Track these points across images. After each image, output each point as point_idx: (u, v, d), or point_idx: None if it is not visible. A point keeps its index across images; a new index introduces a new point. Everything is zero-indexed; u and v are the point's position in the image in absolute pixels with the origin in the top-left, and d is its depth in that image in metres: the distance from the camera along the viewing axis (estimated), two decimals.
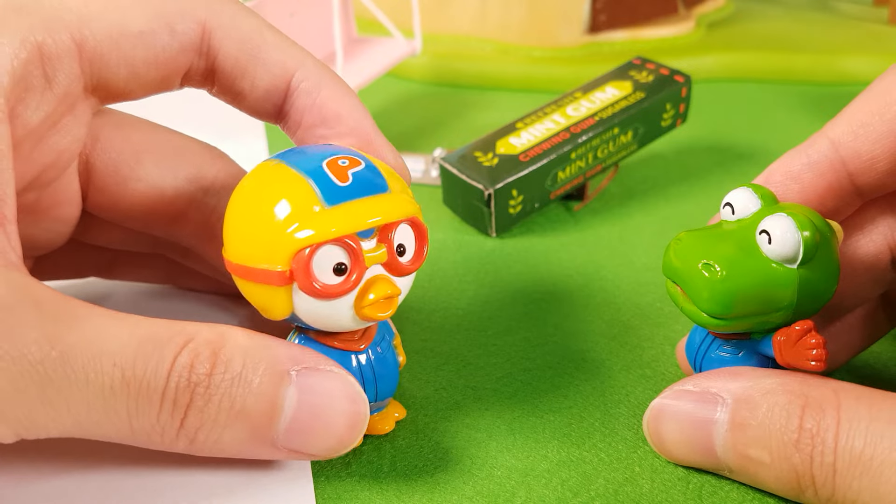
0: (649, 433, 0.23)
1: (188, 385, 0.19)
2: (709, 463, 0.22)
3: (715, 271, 0.20)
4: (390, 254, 0.20)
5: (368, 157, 0.21)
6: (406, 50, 0.44)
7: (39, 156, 0.22)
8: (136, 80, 0.23)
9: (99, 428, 0.19)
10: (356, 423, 0.21)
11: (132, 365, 0.19)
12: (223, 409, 0.19)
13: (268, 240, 0.20)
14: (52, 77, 0.21)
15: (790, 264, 0.21)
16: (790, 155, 0.24)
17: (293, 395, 0.20)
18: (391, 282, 0.21)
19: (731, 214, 0.22)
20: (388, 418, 0.23)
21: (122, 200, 0.25)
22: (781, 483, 0.20)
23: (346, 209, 0.20)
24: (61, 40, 0.21)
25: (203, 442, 0.20)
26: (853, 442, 0.19)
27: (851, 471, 0.19)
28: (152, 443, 0.20)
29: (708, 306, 0.21)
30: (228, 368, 0.19)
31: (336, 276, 0.20)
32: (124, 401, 0.19)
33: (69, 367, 0.18)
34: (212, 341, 0.19)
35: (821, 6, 0.64)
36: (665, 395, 0.22)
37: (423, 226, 0.21)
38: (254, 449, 0.20)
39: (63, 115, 0.22)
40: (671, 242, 0.22)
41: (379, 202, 0.20)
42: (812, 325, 0.21)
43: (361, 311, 0.20)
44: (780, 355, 0.21)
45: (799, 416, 0.20)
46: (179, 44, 0.22)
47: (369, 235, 0.20)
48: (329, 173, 0.20)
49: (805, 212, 0.21)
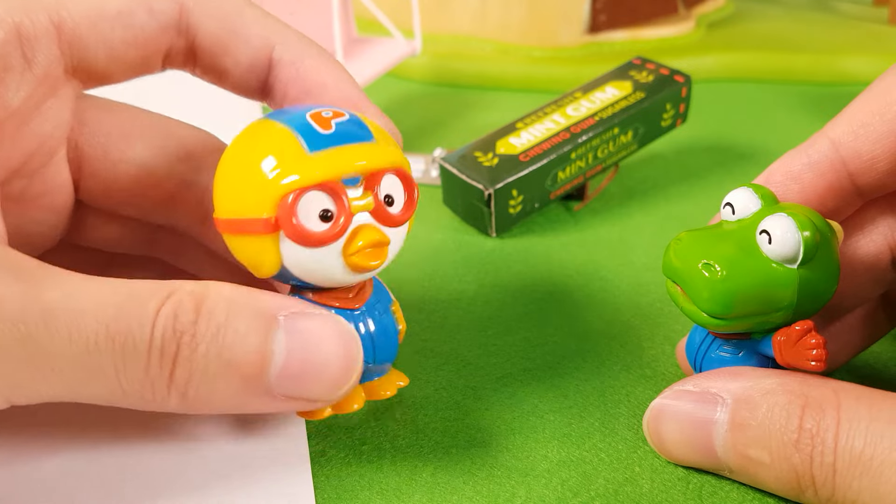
0: (649, 433, 0.23)
1: (174, 334, 0.19)
2: (709, 463, 0.22)
3: (715, 271, 0.20)
4: (377, 201, 0.20)
5: (354, 112, 0.21)
6: (406, 50, 0.44)
7: (23, 140, 0.22)
8: (116, 62, 0.23)
9: (88, 388, 0.19)
10: (350, 362, 0.20)
11: (115, 319, 0.18)
12: (212, 358, 0.19)
13: (253, 189, 0.20)
14: (31, 58, 0.21)
15: (790, 264, 0.21)
16: (790, 155, 0.24)
17: (282, 339, 0.20)
18: (379, 230, 0.20)
19: (731, 214, 0.22)
20: (389, 383, 0.23)
21: (114, 184, 0.25)
22: (781, 483, 0.20)
23: (330, 154, 0.20)
24: (39, 21, 0.21)
25: (195, 396, 0.19)
26: (853, 442, 0.19)
27: (851, 471, 0.19)
28: (144, 401, 0.19)
29: (708, 306, 0.21)
30: (213, 316, 0.19)
31: (322, 223, 0.20)
32: (110, 356, 0.18)
33: (51, 324, 0.18)
34: (194, 293, 0.19)
35: (821, 6, 0.64)
36: (665, 395, 0.22)
37: (410, 177, 0.21)
38: (249, 399, 0.20)
39: (45, 97, 0.22)
40: (671, 242, 0.22)
41: (363, 149, 0.20)
42: (812, 325, 0.21)
43: (350, 259, 0.20)
44: (780, 355, 0.21)
45: (799, 417, 0.20)
46: (158, 23, 0.23)
47: (355, 184, 0.20)
48: (312, 123, 0.20)
49: (805, 212, 0.21)
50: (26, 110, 0.22)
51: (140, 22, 0.22)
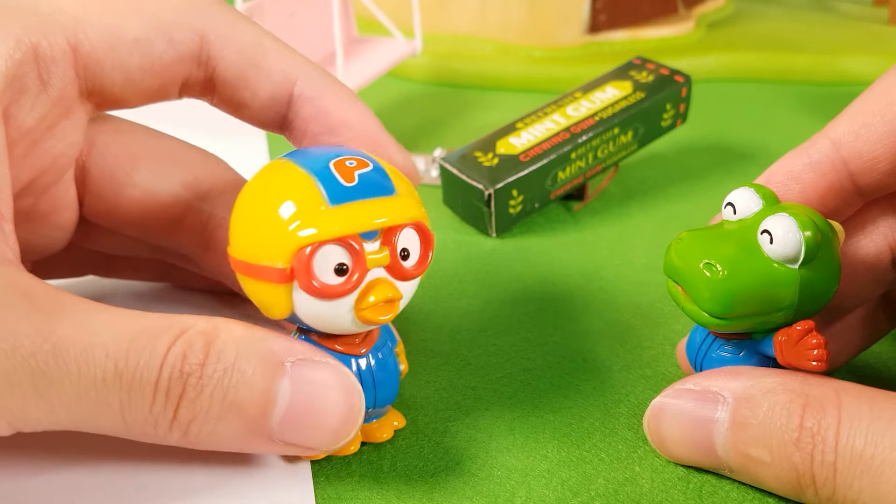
0: (650, 432, 0.23)
1: (181, 376, 0.19)
2: (709, 462, 0.22)
3: (716, 271, 0.20)
4: (393, 257, 0.20)
5: (377, 160, 0.21)
6: (406, 50, 0.44)
7: (34, 159, 0.22)
8: (131, 87, 0.23)
9: (92, 420, 0.19)
10: (351, 415, 0.21)
11: (125, 357, 0.18)
12: (216, 400, 0.19)
13: (270, 236, 0.20)
14: (47, 79, 0.21)
15: (791, 264, 0.21)
16: (791, 155, 0.24)
17: (287, 387, 0.20)
18: (393, 285, 0.20)
19: (732, 214, 0.22)
20: (386, 426, 0.23)
21: (118, 207, 0.25)
22: (782, 482, 0.20)
23: (350, 209, 0.20)
24: (56, 43, 0.21)
25: (197, 434, 0.19)
26: (854, 441, 0.19)
27: (852, 470, 0.19)
28: (146, 435, 0.19)
29: (709, 306, 0.21)
30: (221, 359, 0.19)
31: (337, 277, 0.20)
32: (117, 393, 0.18)
33: (61, 359, 0.18)
34: (206, 332, 0.19)
35: (821, 6, 0.64)
36: (665, 394, 0.22)
37: (429, 231, 0.21)
38: (249, 442, 0.20)
39: (59, 118, 0.22)
40: (672, 242, 0.22)
41: (384, 204, 0.20)
42: (813, 324, 0.21)
43: (361, 314, 0.20)
44: (781, 355, 0.21)
45: (800, 415, 0.20)
46: (177, 52, 0.22)
47: (373, 237, 0.20)
48: (335, 173, 0.20)
49: (806, 212, 0.21)
50: (39, 131, 0.22)
51: (158, 50, 0.22)
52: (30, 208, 0.23)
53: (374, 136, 0.24)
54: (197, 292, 0.30)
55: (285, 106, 0.24)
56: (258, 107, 0.24)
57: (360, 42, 0.46)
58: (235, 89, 0.23)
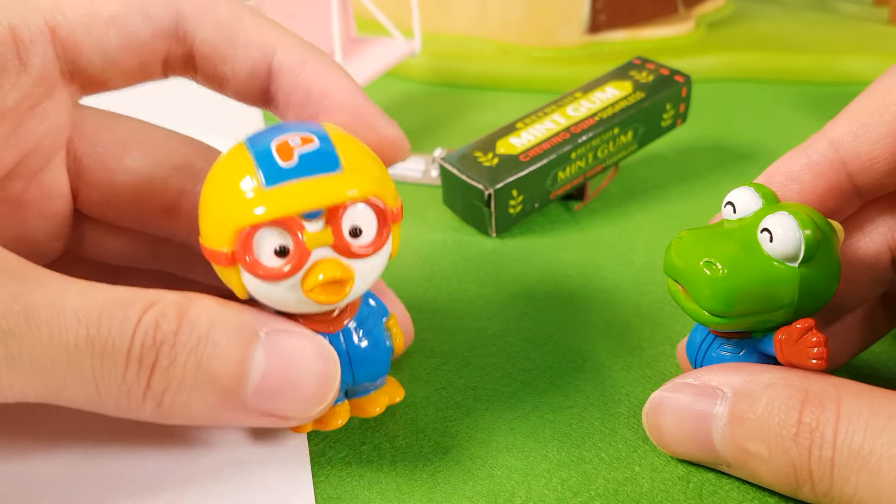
0: (648, 426, 0.23)
1: (153, 343, 0.19)
2: (707, 457, 0.22)
3: (716, 269, 0.20)
4: (337, 236, 0.20)
5: (330, 135, 0.20)
6: (405, 50, 0.44)
7: (19, 140, 0.22)
8: (112, 67, 0.23)
9: (65, 390, 0.19)
10: (326, 381, 0.20)
11: (97, 322, 0.18)
12: (189, 369, 0.19)
13: (216, 220, 0.20)
14: (27, 60, 0.21)
15: (791, 263, 0.21)
16: (790, 156, 0.24)
17: (261, 356, 0.20)
18: (340, 264, 0.20)
19: (732, 213, 0.22)
20: (378, 400, 0.23)
21: (112, 195, 0.25)
22: (779, 478, 0.20)
23: (284, 190, 0.19)
24: (34, 24, 0.21)
25: (170, 405, 0.19)
26: (852, 437, 0.19)
27: (850, 465, 0.19)
28: (119, 407, 0.19)
29: (709, 304, 0.21)
30: (195, 328, 0.19)
31: (277, 259, 0.20)
32: (89, 359, 0.18)
33: (32, 321, 0.18)
34: (178, 303, 0.19)
35: (821, 6, 0.64)
36: (665, 388, 0.22)
37: (384, 207, 0.20)
38: (224, 412, 0.20)
39: (41, 98, 0.22)
40: (672, 241, 0.22)
41: (324, 182, 0.20)
42: (813, 323, 0.21)
43: (308, 294, 0.20)
44: (782, 354, 0.21)
45: (798, 411, 0.20)
46: (153, 28, 0.22)
47: (315, 217, 0.20)
48: (274, 153, 0.20)
49: (806, 210, 0.21)
50: (21, 111, 0.22)
51: (135, 27, 0.22)
52: (19, 193, 0.23)
53: (354, 105, 0.23)
54: None
55: (266, 79, 0.23)
56: (239, 81, 0.24)
57: (359, 42, 0.46)
58: (215, 64, 0.23)
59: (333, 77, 0.23)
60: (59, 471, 0.22)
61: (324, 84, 0.23)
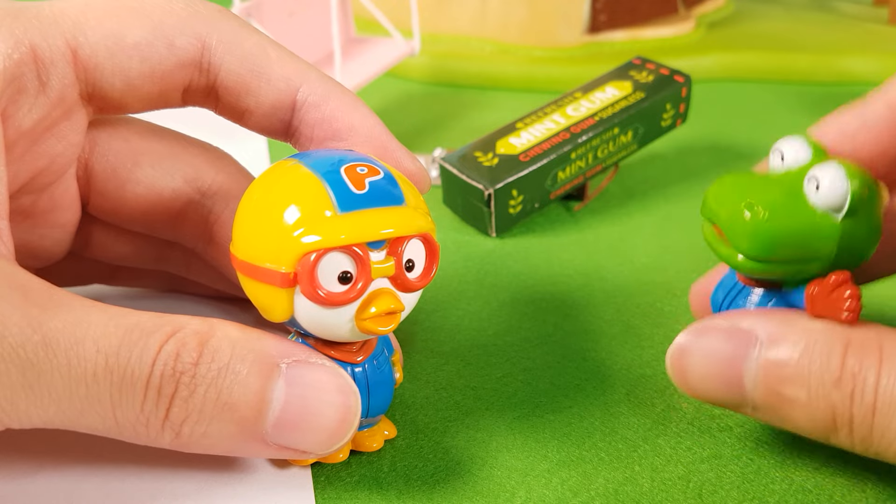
0: (672, 367, 0.22)
1: (173, 374, 0.19)
2: (734, 399, 0.21)
3: (758, 212, 0.20)
4: (398, 268, 0.20)
5: (388, 168, 0.21)
6: (405, 50, 0.44)
7: (33, 159, 0.22)
8: (132, 93, 0.22)
9: (83, 418, 0.19)
10: (348, 416, 0.20)
11: (116, 352, 0.18)
12: (209, 401, 0.19)
13: (275, 240, 0.20)
14: (46, 81, 0.21)
15: (836, 214, 0.20)
16: (845, 112, 0.23)
17: (282, 388, 0.19)
18: (395, 296, 0.20)
19: (780, 161, 0.22)
20: (377, 435, 0.23)
21: (122, 204, 0.25)
22: (814, 423, 0.20)
23: (359, 217, 0.19)
24: (56, 45, 0.21)
25: (189, 435, 0.19)
26: (895, 382, 0.19)
27: (891, 412, 0.19)
28: (138, 436, 0.19)
29: (747, 247, 0.20)
30: (216, 358, 0.19)
31: (340, 285, 0.19)
32: (107, 388, 0.18)
33: (51, 350, 0.18)
34: (199, 332, 0.19)
35: (821, 6, 0.64)
36: (691, 332, 0.22)
37: (435, 243, 0.21)
38: (242, 444, 0.20)
39: (58, 120, 0.22)
40: (714, 183, 0.22)
41: (393, 214, 0.20)
42: (850, 275, 0.20)
43: (362, 324, 0.20)
44: (813, 306, 0.21)
45: (841, 356, 0.19)
46: (177, 58, 0.22)
47: (379, 247, 0.20)
48: (346, 179, 0.20)
49: (856, 165, 0.21)
50: (38, 132, 0.21)
51: (158, 56, 0.22)
52: (29, 206, 0.23)
53: (381, 141, 0.23)
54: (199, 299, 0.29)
55: (289, 112, 0.23)
56: (262, 114, 0.23)
57: (359, 42, 0.46)
58: (238, 96, 0.23)
59: (359, 112, 0.23)
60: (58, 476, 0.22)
61: (350, 119, 0.23)
